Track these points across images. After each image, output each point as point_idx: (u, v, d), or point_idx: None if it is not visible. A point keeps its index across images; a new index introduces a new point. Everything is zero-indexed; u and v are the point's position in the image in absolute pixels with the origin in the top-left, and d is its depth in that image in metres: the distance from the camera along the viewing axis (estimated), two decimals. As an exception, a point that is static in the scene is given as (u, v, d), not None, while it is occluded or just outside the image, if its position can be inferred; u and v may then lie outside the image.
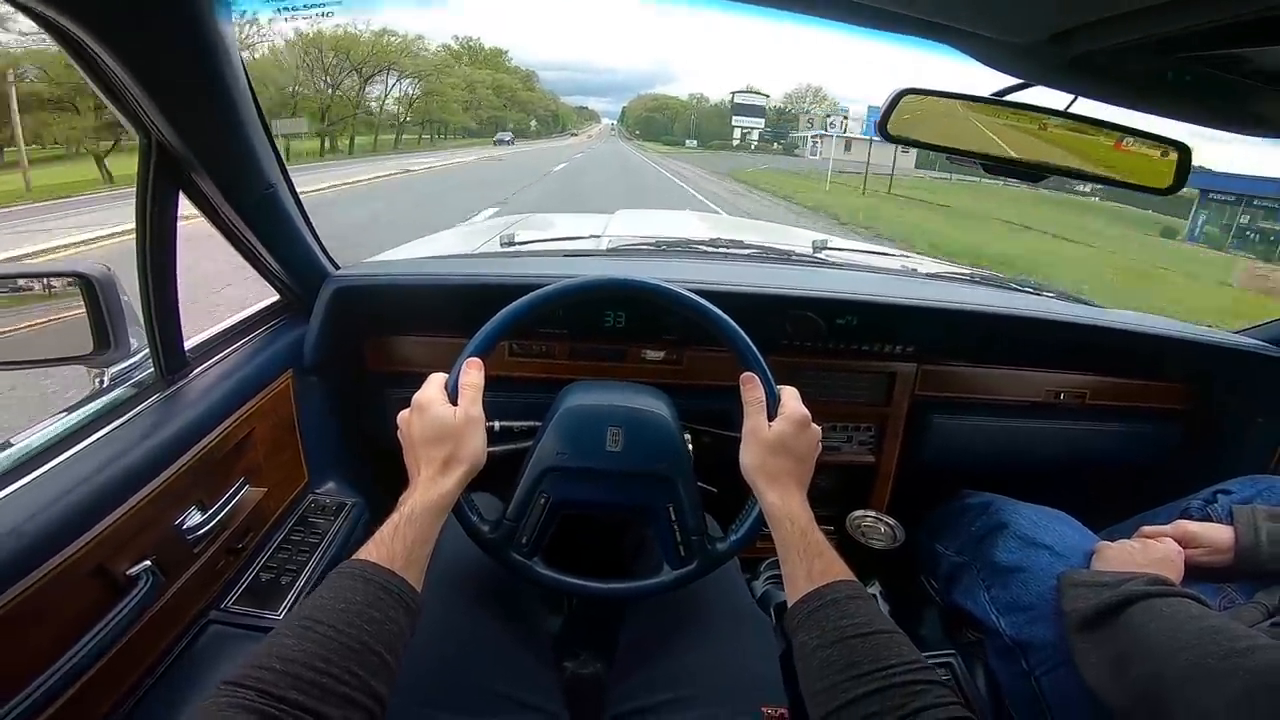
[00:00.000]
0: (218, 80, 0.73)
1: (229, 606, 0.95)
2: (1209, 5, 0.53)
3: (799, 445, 0.77)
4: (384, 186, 16.03)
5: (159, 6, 0.63)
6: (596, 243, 1.71)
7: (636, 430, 0.82)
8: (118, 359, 0.91)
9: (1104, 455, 1.51)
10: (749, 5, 0.70)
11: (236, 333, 1.12)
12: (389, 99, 51.61)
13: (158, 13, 0.63)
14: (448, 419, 0.72)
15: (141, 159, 0.77)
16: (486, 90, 75.82)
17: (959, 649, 1.17)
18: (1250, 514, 1.01)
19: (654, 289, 0.86)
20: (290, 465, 1.17)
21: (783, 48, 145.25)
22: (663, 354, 1.31)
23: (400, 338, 1.31)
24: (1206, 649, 0.71)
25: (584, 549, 0.97)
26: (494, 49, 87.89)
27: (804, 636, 0.63)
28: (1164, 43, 0.64)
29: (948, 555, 1.26)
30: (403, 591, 0.62)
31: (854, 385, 1.39)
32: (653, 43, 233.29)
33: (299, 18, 0.81)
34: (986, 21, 0.68)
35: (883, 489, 1.46)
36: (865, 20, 0.71)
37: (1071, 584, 0.95)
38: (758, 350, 0.83)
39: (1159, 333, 1.39)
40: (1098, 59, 0.68)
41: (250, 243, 1.01)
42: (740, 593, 1.00)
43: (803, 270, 1.54)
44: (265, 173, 0.91)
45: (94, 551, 0.72)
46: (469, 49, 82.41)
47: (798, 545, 0.70)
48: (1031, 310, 1.36)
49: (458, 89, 64.84)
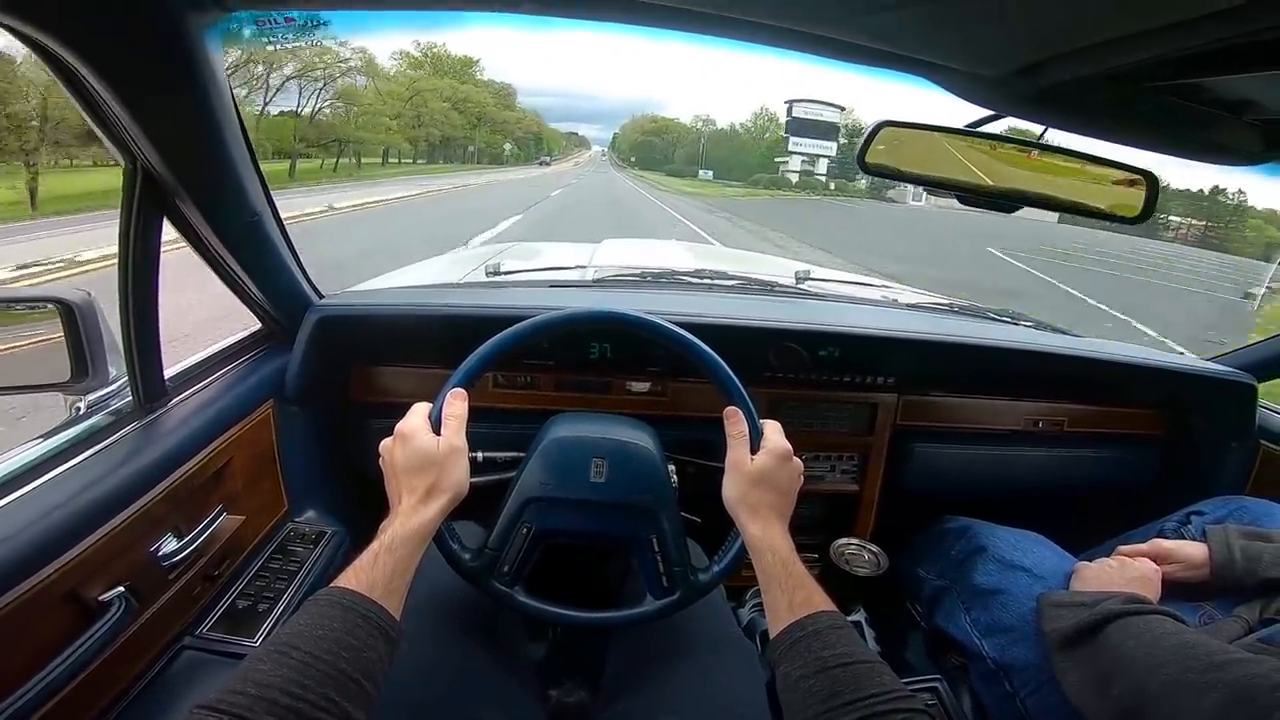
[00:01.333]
0: (205, 108, 0.74)
1: (204, 633, 0.94)
2: (1167, 37, 0.55)
3: (781, 478, 0.78)
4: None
5: (150, 35, 0.63)
6: (582, 273, 1.72)
7: (621, 462, 0.83)
8: (95, 387, 0.90)
9: (1082, 480, 1.53)
10: (726, 39, 0.71)
11: (217, 362, 1.11)
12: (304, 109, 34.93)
13: (149, 41, 0.64)
14: (431, 449, 0.73)
15: (126, 185, 0.77)
16: (441, 103, 56.98)
17: (944, 673, 1.18)
18: (1223, 532, 1.03)
19: (639, 322, 0.87)
20: (270, 494, 1.16)
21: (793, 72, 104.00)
22: (648, 386, 1.32)
23: (383, 368, 1.30)
24: (1184, 664, 0.73)
25: (570, 577, 0.97)
26: (463, 58, 67.65)
27: (786, 667, 0.63)
28: (1127, 74, 0.66)
29: (930, 579, 1.27)
30: (382, 620, 0.61)
31: (837, 415, 1.40)
32: (644, 68, 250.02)
33: (288, 45, 0.82)
34: (956, 55, 0.70)
35: (866, 517, 1.47)
36: (840, 54, 0.73)
37: (1050, 604, 0.97)
38: (741, 383, 0.84)
39: (1133, 361, 1.43)
40: (1065, 90, 0.71)
41: (233, 271, 1.01)
42: (726, 621, 1.00)
43: (786, 301, 1.56)
44: (250, 201, 0.92)
45: (66, 577, 0.71)
46: (431, 57, 64.66)
47: (779, 577, 0.71)
48: (1009, 341, 1.39)
49: (395, 99, 49.56)
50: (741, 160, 78.61)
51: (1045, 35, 0.62)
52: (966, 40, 0.67)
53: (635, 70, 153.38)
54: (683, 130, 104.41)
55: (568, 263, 1.85)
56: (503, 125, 79.10)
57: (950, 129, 0.92)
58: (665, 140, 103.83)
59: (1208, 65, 0.62)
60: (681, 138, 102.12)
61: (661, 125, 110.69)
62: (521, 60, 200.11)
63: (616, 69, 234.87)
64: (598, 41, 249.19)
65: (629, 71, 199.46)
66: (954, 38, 0.67)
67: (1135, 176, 0.88)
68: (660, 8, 0.66)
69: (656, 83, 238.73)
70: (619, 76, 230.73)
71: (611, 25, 0.72)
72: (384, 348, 1.29)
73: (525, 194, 22.63)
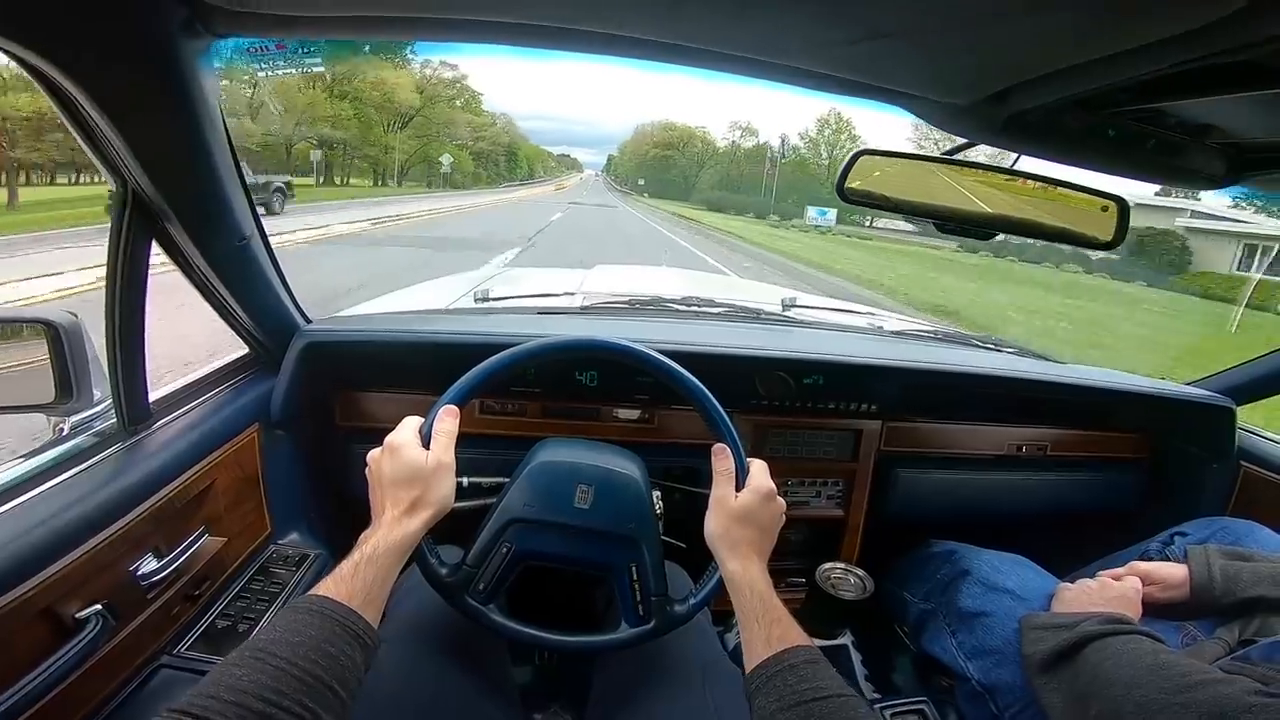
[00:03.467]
0: (196, 132, 0.75)
1: (182, 652, 0.93)
2: (1128, 63, 0.57)
3: (763, 517, 0.80)
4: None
5: (142, 59, 0.65)
6: (571, 300, 1.74)
7: (607, 490, 0.83)
8: (80, 408, 0.90)
9: (1066, 504, 1.54)
10: (705, 71, 0.74)
11: (203, 385, 1.11)
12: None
13: (140, 65, 0.65)
14: (419, 462, 0.73)
15: (116, 207, 0.78)
16: (319, 94, 35.37)
17: (931, 695, 1.17)
18: (1204, 553, 1.04)
19: (633, 353, 0.88)
20: (253, 516, 1.15)
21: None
22: (635, 413, 1.33)
23: (370, 393, 1.31)
24: (1160, 685, 0.74)
25: (556, 600, 0.96)
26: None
27: (762, 700, 0.64)
28: (1092, 100, 0.69)
29: (915, 602, 1.27)
30: (360, 628, 0.61)
31: (822, 442, 1.41)
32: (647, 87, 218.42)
33: (280, 73, 0.83)
34: (927, 85, 0.73)
35: (851, 542, 1.47)
36: (817, 85, 0.76)
37: (1030, 627, 0.97)
38: (728, 416, 0.86)
39: (1114, 387, 1.45)
40: (1033, 117, 0.73)
41: (221, 295, 1.01)
42: (713, 646, 0.99)
43: (772, 329, 1.59)
44: (240, 225, 0.92)
45: (43, 593, 0.71)
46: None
47: (757, 612, 0.72)
48: (992, 368, 1.41)
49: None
50: (813, 190, 50.94)
51: (1011, 64, 0.65)
52: (936, 70, 0.69)
53: (636, 91, 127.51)
54: (704, 143, 78.23)
55: (557, 289, 1.87)
56: (442, 131, 52.59)
57: (926, 157, 0.95)
58: (686, 157, 77.79)
59: (1168, 90, 0.65)
60: (709, 155, 75.66)
61: (681, 135, 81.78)
62: (514, 86, 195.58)
63: (614, 92, 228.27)
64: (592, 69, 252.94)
65: (629, 93, 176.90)
66: (923, 68, 0.69)
67: (1106, 202, 0.90)
68: (641, 41, 0.69)
69: (665, 95, 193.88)
70: (617, 100, 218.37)
71: (593, 57, 0.74)
72: (371, 373, 1.30)
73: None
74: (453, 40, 0.71)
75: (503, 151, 71.18)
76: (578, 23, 0.66)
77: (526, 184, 71.08)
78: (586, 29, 0.67)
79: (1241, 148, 0.81)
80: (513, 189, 58.18)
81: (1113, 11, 0.51)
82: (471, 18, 0.66)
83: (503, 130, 71.44)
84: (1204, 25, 0.48)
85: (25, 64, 0.60)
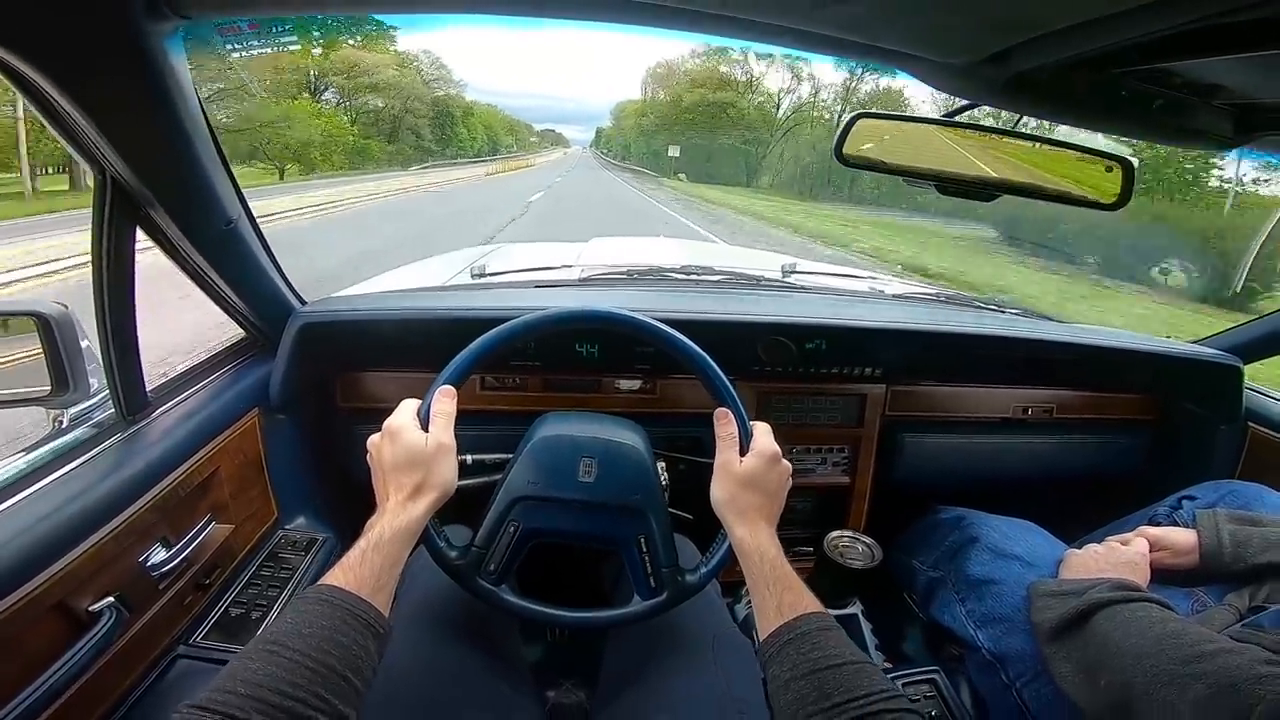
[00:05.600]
0: (171, 116, 0.73)
1: (197, 641, 0.94)
2: (1133, 21, 0.55)
3: (769, 481, 0.79)
4: None
5: (109, 45, 0.63)
6: (569, 272, 1.72)
7: (610, 462, 0.83)
8: (77, 400, 0.90)
9: (1074, 467, 1.53)
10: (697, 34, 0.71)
11: (200, 372, 1.11)
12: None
13: (107, 51, 0.63)
14: (419, 445, 0.73)
15: (97, 195, 0.77)
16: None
17: (942, 664, 1.17)
18: (1212, 517, 1.03)
19: (631, 322, 0.87)
20: (259, 502, 1.16)
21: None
22: (637, 384, 1.32)
23: (369, 373, 1.30)
24: (1169, 654, 0.74)
25: (563, 577, 0.97)
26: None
27: (776, 669, 0.64)
28: (1097, 59, 0.66)
29: (924, 570, 1.27)
30: (370, 616, 0.61)
31: (826, 408, 1.40)
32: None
33: (252, 53, 0.80)
34: (925, 44, 0.70)
35: (859, 509, 1.47)
36: (812, 46, 0.73)
37: (1039, 594, 0.97)
38: (730, 383, 0.84)
39: (1121, 346, 1.43)
40: (1035, 78, 0.71)
41: (212, 280, 1.00)
42: (722, 617, 1.00)
43: (772, 295, 1.57)
44: (225, 208, 0.91)
45: (54, 588, 0.71)
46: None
47: (767, 579, 0.71)
48: (996, 329, 1.40)
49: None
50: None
51: (1011, 21, 0.62)
52: (934, 29, 0.67)
53: (630, 68, 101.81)
54: (767, 102, 44.88)
55: (555, 262, 1.85)
56: (380, 88, 40.10)
57: (926, 119, 0.93)
58: (733, 120, 44.50)
59: (1175, 50, 0.62)
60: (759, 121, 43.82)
61: (733, 92, 45.91)
62: (498, 64, 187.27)
63: (607, 69, 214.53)
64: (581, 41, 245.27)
65: (622, 70, 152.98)
66: (921, 27, 0.67)
67: (1110, 163, 0.88)
68: (631, 5, 0.66)
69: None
70: (610, 76, 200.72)
71: (582, 23, 0.72)
72: (368, 353, 1.29)
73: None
74: (431, 11, 0.69)
75: (427, 113, 46.39)
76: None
77: (457, 164, 43.94)
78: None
79: (1251, 108, 0.78)
80: (429, 170, 35.27)
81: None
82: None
83: (428, 83, 45.79)
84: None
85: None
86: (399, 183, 24.63)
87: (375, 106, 41.33)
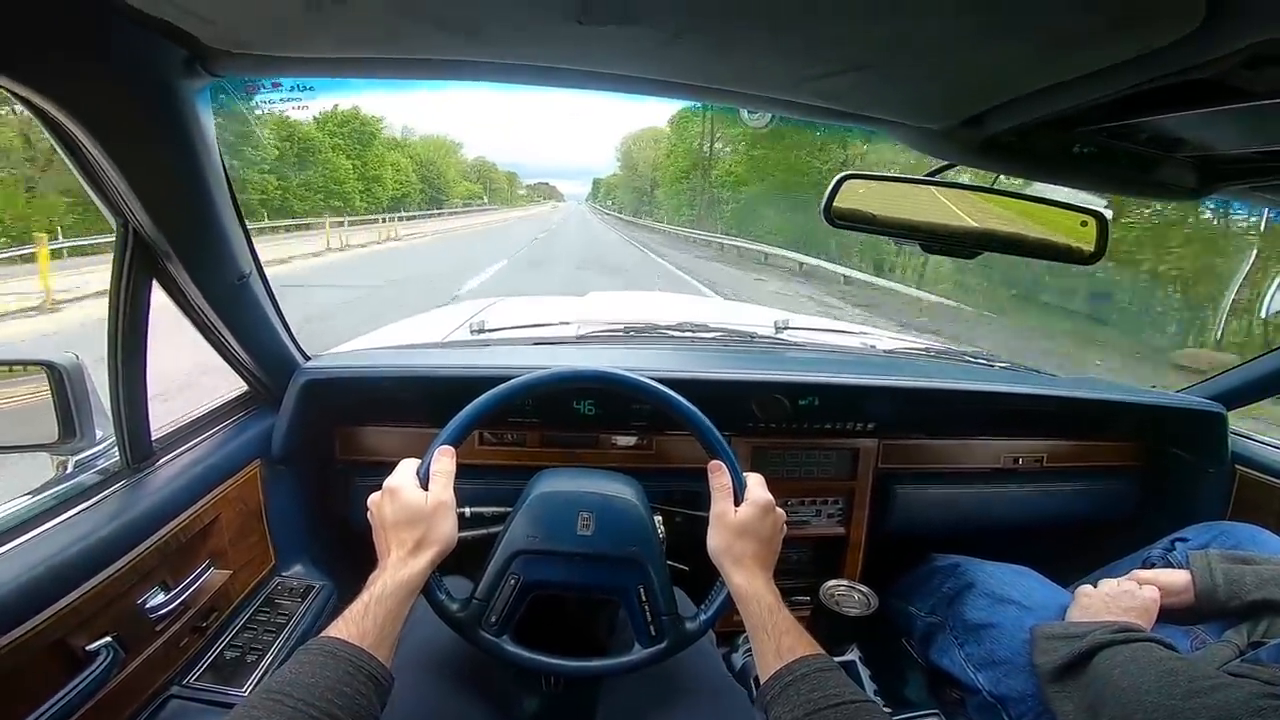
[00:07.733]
0: (197, 171, 0.77)
1: (191, 682, 0.94)
2: (1093, 84, 0.60)
3: (764, 528, 0.81)
4: None
5: (143, 99, 0.67)
6: (566, 329, 1.75)
7: (607, 516, 0.85)
8: (83, 448, 0.92)
9: (1065, 514, 1.55)
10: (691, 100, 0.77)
11: (205, 423, 1.12)
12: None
13: (141, 104, 0.67)
14: (419, 503, 0.74)
15: (118, 246, 0.80)
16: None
17: (942, 707, 1.17)
18: (1205, 557, 1.05)
19: (626, 381, 0.90)
20: (257, 549, 1.16)
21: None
22: (633, 440, 1.34)
23: (370, 428, 1.32)
24: (1168, 691, 0.75)
25: (560, 627, 0.96)
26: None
27: (778, 711, 0.65)
28: (1064, 119, 0.71)
29: (920, 616, 1.28)
30: (373, 668, 0.62)
31: (820, 462, 1.43)
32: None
33: (276, 109, 0.84)
34: (903, 111, 0.76)
35: (854, 559, 1.48)
36: (798, 114, 0.78)
37: (1042, 637, 0.98)
38: (724, 437, 0.87)
39: (1106, 398, 1.47)
40: (1007, 139, 0.76)
41: (220, 333, 1.02)
42: (717, 667, 1.00)
43: (766, 353, 1.61)
44: (238, 263, 0.94)
45: (54, 627, 0.72)
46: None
47: (766, 623, 0.73)
48: (983, 384, 1.43)
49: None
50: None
51: (981, 89, 0.67)
52: (911, 97, 0.72)
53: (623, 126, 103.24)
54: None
55: (553, 318, 1.89)
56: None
57: (910, 179, 0.97)
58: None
59: (1137, 107, 0.67)
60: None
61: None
62: (498, 129, 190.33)
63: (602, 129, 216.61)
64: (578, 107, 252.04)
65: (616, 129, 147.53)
66: (899, 96, 0.72)
67: (1085, 216, 0.92)
68: (629, 78, 0.71)
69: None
70: (604, 135, 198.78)
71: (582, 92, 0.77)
72: (369, 409, 1.31)
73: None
74: (446, 80, 0.73)
75: (349, 149, 34.37)
76: (568, 63, 0.68)
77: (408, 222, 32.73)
78: (576, 68, 0.69)
79: (1213, 160, 0.83)
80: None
81: (1070, 39, 0.53)
82: (465, 59, 0.69)
83: (426, 146, 35.29)
84: (1160, 48, 0.50)
85: (29, 103, 0.61)
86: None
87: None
